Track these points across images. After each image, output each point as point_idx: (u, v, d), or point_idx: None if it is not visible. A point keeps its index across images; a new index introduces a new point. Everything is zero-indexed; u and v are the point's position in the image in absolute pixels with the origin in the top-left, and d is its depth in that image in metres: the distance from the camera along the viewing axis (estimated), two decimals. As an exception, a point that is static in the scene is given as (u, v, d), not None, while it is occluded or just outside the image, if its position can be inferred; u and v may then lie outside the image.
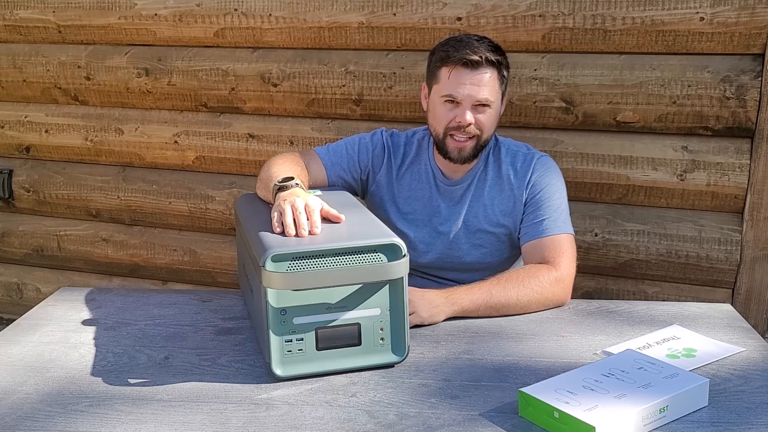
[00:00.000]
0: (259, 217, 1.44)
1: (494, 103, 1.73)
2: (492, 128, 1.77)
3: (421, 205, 1.85)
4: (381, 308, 1.30)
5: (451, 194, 1.84)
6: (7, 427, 1.14)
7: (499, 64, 1.73)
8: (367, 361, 1.30)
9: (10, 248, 2.90)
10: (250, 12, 2.36)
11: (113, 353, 1.39)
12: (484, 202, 1.81)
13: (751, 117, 2.01)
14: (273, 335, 1.25)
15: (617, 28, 2.04)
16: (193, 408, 1.18)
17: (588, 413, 1.06)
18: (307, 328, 1.26)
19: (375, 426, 1.13)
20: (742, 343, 1.38)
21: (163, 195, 2.65)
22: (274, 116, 2.47)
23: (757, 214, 2.05)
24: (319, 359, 1.28)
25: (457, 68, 1.70)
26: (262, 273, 1.21)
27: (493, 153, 1.84)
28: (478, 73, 1.70)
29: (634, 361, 1.23)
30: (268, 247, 1.24)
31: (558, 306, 1.61)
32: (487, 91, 1.71)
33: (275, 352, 1.26)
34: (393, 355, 1.31)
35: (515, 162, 1.81)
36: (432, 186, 1.85)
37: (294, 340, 1.26)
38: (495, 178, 1.82)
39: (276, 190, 1.49)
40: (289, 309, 1.25)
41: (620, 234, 2.19)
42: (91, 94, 2.64)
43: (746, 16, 1.94)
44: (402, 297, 1.29)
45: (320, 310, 1.27)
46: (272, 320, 1.24)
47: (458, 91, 1.71)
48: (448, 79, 1.72)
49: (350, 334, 1.28)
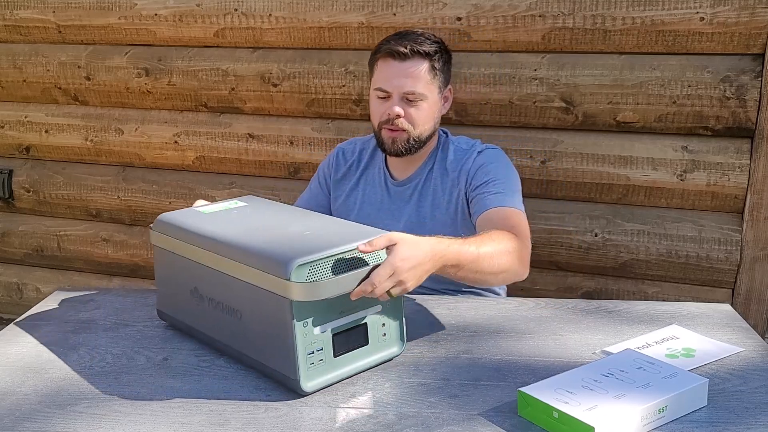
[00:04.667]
0: (230, 231, 1.32)
1: (427, 96, 1.71)
2: (426, 123, 1.74)
3: (375, 209, 1.85)
4: (381, 304, 1.29)
5: (400, 194, 1.83)
6: (6, 427, 1.14)
7: (430, 56, 1.70)
8: (375, 359, 1.30)
9: (10, 248, 2.91)
10: (250, 12, 2.36)
11: (112, 354, 1.39)
12: (430, 200, 1.79)
13: (751, 117, 2.01)
14: (300, 351, 1.19)
15: (617, 28, 2.04)
16: (192, 409, 1.18)
17: (587, 413, 1.06)
18: (325, 337, 1.23)
19: (374, 426, 1.12)
20: (742, 344, 1.38)
21: (163, 195, 2.65)
22: (274, 116, 2.47)
23: (757, 214, 2.05)
24: (337, 366, 1.25)
25: (386, 60, 1.71)
26: (286, 286, 1.15)
27: (442, 150, 1.82)
28: (406, 65, 1.69)
29: (634, 360, 1.22)
30: (289, 257, 1.16)
31: (516, 281, 1.52)
32: (416, 83, 1.69)
33: (303, 367, 1.20)
34: (395, 347, 1.32)
35: (458, 155, 1.79)
36: (383, 188, 1.86)
37: (315, 351, 1.21)
38: (440, 175, 1.79)
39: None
40: (310, 320, 1.20)
41: (620, 234, 2.19)
42: (91, 94, 2.64)
43: (746, 16, 1.94)
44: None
45: (334, 315, 1.24)
46: (299, 335, 1.18)
47: (387, 83, 1.71)
48: (378, 71, 1.73)
49: (359, 335, 1.27)
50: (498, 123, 2.22)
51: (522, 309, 1.57)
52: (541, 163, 2.20)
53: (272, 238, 1.28)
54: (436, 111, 1.77)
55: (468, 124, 2.24)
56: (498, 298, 1.87)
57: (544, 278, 2.29)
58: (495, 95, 2.19)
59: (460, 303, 1.61)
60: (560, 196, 2.22)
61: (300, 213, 1.47)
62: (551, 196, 2.22)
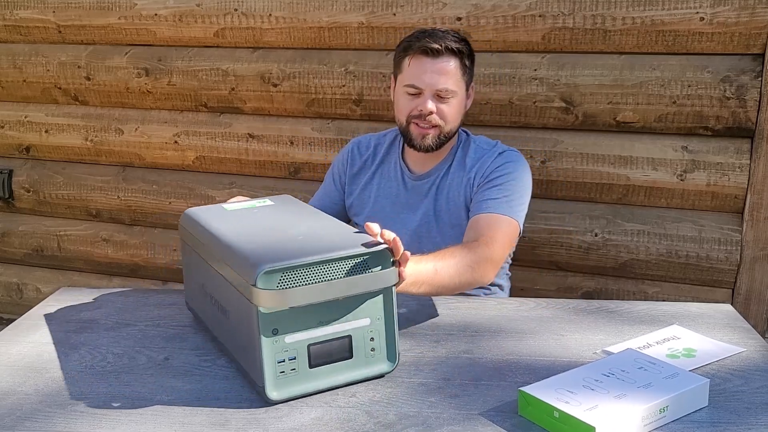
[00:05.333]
0: (229, 230, 1.31)
1: (457, 93, 1.75)
2: (456, 119, 1.77)
3: (390, 202, 1.87)
4: (371, 318, 1.23)
5: (418, 189, 1.85)
6: (7, 427, 1.14)
7: (461, 53, 1.73)
8: (359, 374, 1.24)
9: (10, 248, 2.90)
10: (250, 12, 2.36)
11: (113, 354, 1.39)
12: (446, 194, 1.82)
13: (751, 117, 2.01)
14: (266, 358, 1.16)
15: (617, 28, 2.04)
16: (194, 409, 1.18)
17: (588, 413, 1.06)
18: (299, 346, 1.19)
19: (374, 426, 1.12)
20: (743, 344, 1.38)
21: (163, 195, 2.65)
22: (274, 116, 2.47)
23: (757, 214, 2.05)
24: (312, 377, 1.21)
25: (419, 57, 1.72)
26: (252, 292, 1.12)
27: (462, 148, 1.85)
28: (439, 62, 1.71)
29: (635, 360, 1.22)
30: (253, 263, 1.14)
31: (480, 286, 1.56)
32: (449, 80, 1.72)
33: (269, 375, 1.17)
34: (384, 364, 1.26)
35: (478, 153, 1.82)
36: (399, 182, 1.87)
37: (287, 359, 1.17)
38: (458, 170, 1.82)
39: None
40: (281, 327, 1.17)
41: (620, 234, 2.19)
42: (91, 94, 2.64)
43: (746, 16, 1.94)
44: (391, 304, 1.23)
45: (312, 325, 1.19)
46: (265, 342, 1.15)
47: (419, 80, 1.72)
48: (409, 68, 1.74)
49: (342, 347, 1.22)
50: (498, 123, 2.22)
51: (523, 309, 1.57)
52: (541, 163, 2.20)
53: (260, 241, 1.24)
54: (463, 107, 1.81)
55: (468, 124, 2.23)
56: (499, 299, 1.88)
57: (544, 278, 2.29)
58: (495, 95, 2.19)
59: (461, 303, 1.61)
60: (560, 196, 2.22)
61: (313, 216, 1.41)
62: (551, 196, 2.23)
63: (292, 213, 1.43)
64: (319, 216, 1.41)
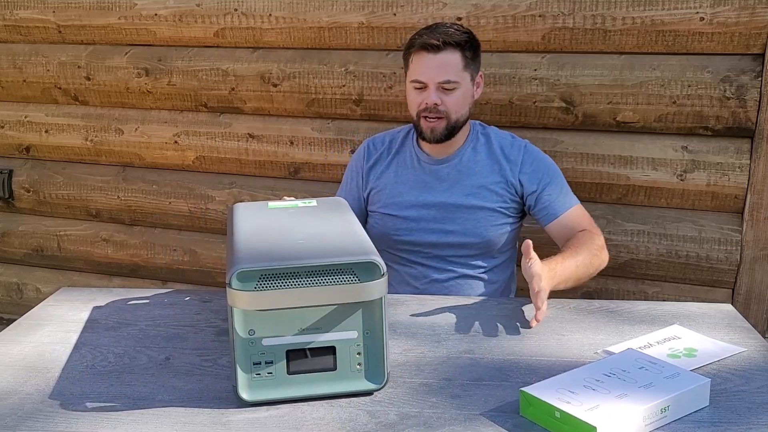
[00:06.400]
0: (244, 228, 1.32)
1: (460, 83, 1.81)
2: (462, 108, 1.84)
3: (408, 187, 1.92)
4: (358, 331, 1.19)
5: (437, 172, 1.91)
6: (8, 427, 1.14)
7: (461, 45, 1.80)
8: (341, 388, 1.20)
9: (10, 248, 2.90)
10: (250, 12, 2.36)
11: (114, 354, 1.39)
12: (473, 179, 1.88)
13: (751, 117, 2.01)
14: (239, 357, 1.16)
15: (617, 28, 2.04)
16: (194, 409, 1.18)
17: (589, 413, 1.06)
18: (277, 351, 1.17)
19: (376, 426, 1.12)
20: (743, 343, 1.38)
21: (163, 195, 2.65)
22: (274, 116, 2.47)
23: (757, 214, 2.05)
24: (290, 384, 1.19)
25: (420, 53, 1.81)
26: (228, 291, 1.12)
27: (482, 135, 1.93)
28: (439, 56, 1.79)
29: (636, 360, 1.23)
30: (234, 263, 1.14)
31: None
32: (450, 72, 1.79)
33: (242, 375, 1.17)
34: (370, 382, 1.21)
35: (504, 146, 1.91)
36: (416, 167, 1.93)
37: (263, 362, 1.17)
38: (486, 158, 1.90)
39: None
40: (258, 329, 1.16)
41: (620, 234, 2.19)
42: (91, 94, 2.64)
43: (746, 16, 1.94)
44: (380, 319, 1.19)
45: (292, 331, 1.17)
46: (238, 341, 1.16)
47: (422, 74, 1.81)
48: (413, 64, 1.83)
49: (324, 358, 1.20)
50: (498, 123, 2.21)
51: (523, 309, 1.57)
52: (541, 163, 2.20)
53: (259, 241, 1.24)
54: (470, 97, 1.87)
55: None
56: (499, 299, 1.88)
57: (545, 278, 2.29)
58: (495, 95, 2.19)
59: (462, 303, 1.61)
60: (560, 196, 2.22)
61: (334, 222, 1.36)
62: (551, 196, 2.22)
63: (318, 217, 1.39)
64: (343, 222, 1.36)
